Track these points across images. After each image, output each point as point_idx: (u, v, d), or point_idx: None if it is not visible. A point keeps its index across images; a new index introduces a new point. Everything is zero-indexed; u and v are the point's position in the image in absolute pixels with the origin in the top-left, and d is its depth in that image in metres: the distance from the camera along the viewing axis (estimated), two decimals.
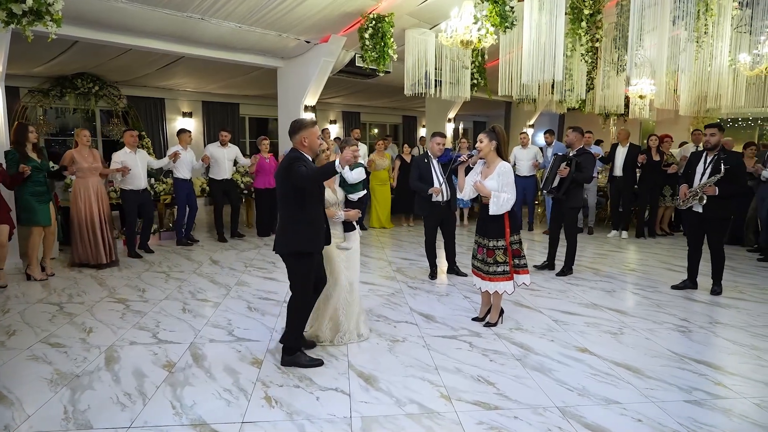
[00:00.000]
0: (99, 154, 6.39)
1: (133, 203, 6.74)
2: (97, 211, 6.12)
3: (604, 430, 2.70)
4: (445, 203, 5.63)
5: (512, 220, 4.05)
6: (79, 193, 6.09)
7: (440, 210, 5.67)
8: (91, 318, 4.38)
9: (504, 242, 4.03)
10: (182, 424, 2.74)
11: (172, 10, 6.32)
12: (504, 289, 4.04)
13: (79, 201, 6.07)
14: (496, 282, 4.04)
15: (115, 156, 6.67)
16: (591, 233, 8.83)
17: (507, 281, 4.03)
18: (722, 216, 4.97)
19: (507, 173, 3.97)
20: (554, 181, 5.81)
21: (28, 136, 5.54)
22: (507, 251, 4.04)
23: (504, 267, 4.02)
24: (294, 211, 3.31)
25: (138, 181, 6.71)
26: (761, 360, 3.63)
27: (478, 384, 3.21)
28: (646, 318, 4.49)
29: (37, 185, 5.55)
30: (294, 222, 3.31)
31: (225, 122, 12.80)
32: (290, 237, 3.33)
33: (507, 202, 3.92)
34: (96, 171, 6.18)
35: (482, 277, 4.11)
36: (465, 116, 17.92)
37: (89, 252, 6.08)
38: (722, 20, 6.40)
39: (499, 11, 5.79)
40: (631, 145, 8.45)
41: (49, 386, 3.14)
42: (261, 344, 3.82)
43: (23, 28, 4.45)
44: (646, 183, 8.35)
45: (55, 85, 9.90)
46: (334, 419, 2.80)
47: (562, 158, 5.84)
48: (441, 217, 5.75)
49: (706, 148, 5.09)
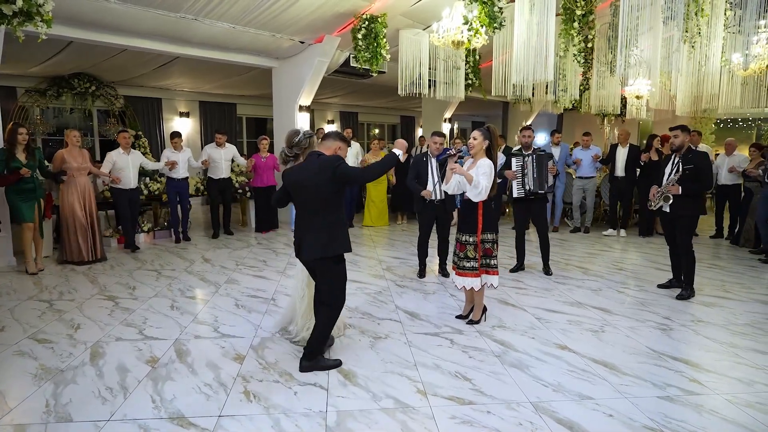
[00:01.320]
0: (88, 154, 6.51)
1: (124, 199, 6.96)
2: (83, 210, 6.26)
3: (575, 424, 2.74)
4: (439, 202, 5.65)
5: (486, 218, 4.08)
6: (67, 192, 6.21)
7: (435, 209, 5.70)
8: (80, 315, 4.44)
9: (475, 238, 4.07)
10: (161, 418, 2.79)
11: (164, 11, 6.38)
12: (471, 285, 4.09)
13: (66, 200, 6.20)
14: (464, 277, 4.10)
15: (108, 156, 6.84)
16: (587, 232, 8.89)
17: (474, 278, 4.08)
18: (687, 214, 5.03)
19: (483, 165, 4.01)
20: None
21: (17, 137, 5.62)
22: (477, 248, 4.08)
23: (473, 263, 4.07)
24: (335, 214, 3.27)
25: (126, 181, 6.93)
26: (738, 357, 3.66)
27: (455, 380, 3.26)
28: (629, 316, 4.53)
29: (23, 183, 5.64)
30: (336, 225, 3.27)
31: (222, 122, 12.89)
32: (334, 240, 3.25)
33: (484, 190, 3.97)
34: (85, 171, 6.33)
35: (456, 271, 4.19)
36: (462, 116, 17.96)
37: (74, 250, 6.20)
38: (715, 21, 6.45)
39: (487, 12, 5.83)
40: (631, 146, 8.51)
41: (33, 380, 3.20)
42: (245, 341, 3.87)
43: (14, 28, 4.52)
44: (642, 182, 8.41)
45: (52, 85, 9.98)
46: (310, 413, 2.84)
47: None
48: (435, 216, 5.77)
49: (671, 149, 5.15)
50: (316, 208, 3.25)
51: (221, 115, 13.04)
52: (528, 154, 5.81)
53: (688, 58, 7.07)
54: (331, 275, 3.32)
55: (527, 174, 5.76)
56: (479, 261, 4.08)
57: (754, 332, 4.17)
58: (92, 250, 6.31)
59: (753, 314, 4.63)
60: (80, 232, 6.22)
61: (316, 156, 3.28)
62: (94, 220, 6.39)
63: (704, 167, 4.96)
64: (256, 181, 8.46)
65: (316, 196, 3.24)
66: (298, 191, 3.31)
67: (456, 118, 14.80)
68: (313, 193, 3.24)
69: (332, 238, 3.25)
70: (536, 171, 5.75)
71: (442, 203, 5.67)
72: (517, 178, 5.81)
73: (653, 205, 5.20)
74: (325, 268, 3.31)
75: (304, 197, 3.29)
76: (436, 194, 5.60)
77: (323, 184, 3.20)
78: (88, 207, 6.32)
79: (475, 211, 4.06)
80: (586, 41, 7.22)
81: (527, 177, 5.76)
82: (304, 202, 3.31)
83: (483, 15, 5.83)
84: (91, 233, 6.32)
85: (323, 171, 3.19)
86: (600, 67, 8.21)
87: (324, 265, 3.30)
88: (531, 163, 5.75)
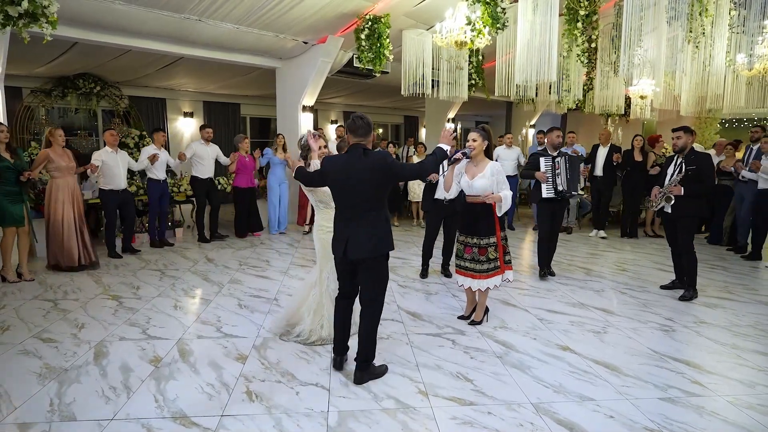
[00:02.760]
0: (72, 154, 6.16)
1: (112, 203, 6.62)
2: (72, 213, 5.96)
3: (575, 425, 2.75)
4: (448, 202, 5.62)
5: (501, 219, 4.12)
6: (53, 193, 5.91)
7: (443, 208, 5.64)
8: (84, 314, 4.47)
9: (495, 239, 4.09)
10: (163, 417, 2.81)
11: (169, 12, 6.42)
12: (494, 284, 4.12)
13: (53, 201, 5.90)
14: (487, 279, 4.10)
15: (96, 155, 6.47)
16: (570, 233, 8.86)
17: (497, 276, 4.11)
18: (688, 215, 5.02)
19: (500, 172, 4.07)
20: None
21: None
22: (498, 247, 4.10)
23: (495, 263, 4.10)
24: (383, 211, 3.21)
25: (118, 181, 6.58)
26: (740, 359, 3.66)
27: (456, 380, 3.27)
28: (632, 317, 4.53)
29: (8, 185, 5.38)
30: (384, 222, 3.20)
31: (226, 122, 12.93)
32: (384, 238, 3.18)
33: (508, 199, 4.01)
34: (71, 171, 6.03)
35: (473, 276, 4.14)
36: (466, 116, 17.95)
37: (65, 254, 5.91)
38: (720, 21, 6.42)
39: (490, 12, 5.84)
40: (611, 146, 8.54)
41: (37, 380, 3.23)
42: (247, 340, 3.89)
43: (19, 30, 4.56)
44: (627, 183, 8.49)
45: (57, 86, 10.03)
46: (312, 413, 2.86)
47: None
48: (444, 216, 5.74)
49: (674, 150, 5.15)
50: (371, 206, 3.14)
51: (225, 115, 13.06)
52: (558, 154, 5.65)
53: (692, 58, 7.03)
54: (377, 274, 3.23)
55: (560, 174, 5.57)
56: (501, 259, 4.12)
57: (757, 334, 4.16)
58: (82, 255, 5.99)
59: (756, 316, 4.62)
60: (69, 236, 5.90)
61: (361, 151, 3.13)
62: (83, 222, 6.10)
63: (707, 168, 4.96)
64: (237, 181, 8.02)
65: (371, 193, 3.12)
66: (344, 185, 3.16)
67: (459, 118, 14.81)
68: (370, 190, 3.11)
69: (384, 235, 3.18)
70: (569, 172, 5.58)
71: (451, 203, 5.64)
72: (548, 180, 5.62)
73: (655, 205, 5.19)
74: (372, 267, 3.20)
75: (351, 192, 3.14)
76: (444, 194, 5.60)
77: (379, 179, 3.10)
78: (77, 208, 6.02)
79: (491, 214, 4.07)
80: (590, 41, 7.22)
81: (560, 177, 5.57)
82: (350, 197, 3.16)
83: (486, 15, 5.83)
84: (81, 236, 6.01)
85: (375, 165, 3.07)
86: (604, 67, 8.20)
87: (372, 264, 3.19)
88: (564, 164, 5.58)
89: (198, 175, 7.72)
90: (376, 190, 3.13)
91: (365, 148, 3.13)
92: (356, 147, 3.14)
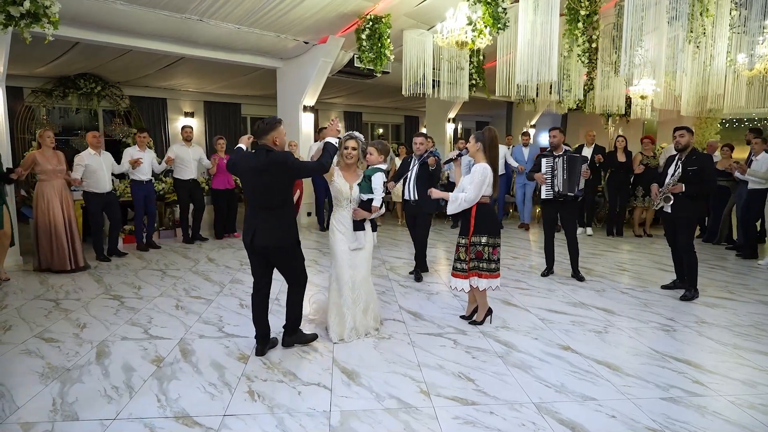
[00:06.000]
0: (63, 156, 6.08)
1: (96, 206, 6.51)
2: (61, 216, 5.87)
3: (577, 425, 2.75)
4: (414, 202, 5.71)
5: (479, 221, 4.04)
6: (42, 196, 5.82)
7: (411, 208, 5.81)
8: (85, 314, 4.47)
9: (466, 240, 4.08)
10: (166, 417, 2.82)
11: (170, 12, 6.43)
12: (461, 287, 4.10)
13: (42, 204, 5.81)
14: (455, 279, 4.12)
15: (77, 158, 6.34)
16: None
17: (463, 279, 4.09)
18: (688, 215, 5.02)
19: (474, 173, 4.00)
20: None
21: None
22: (467, 250, 4.08)
23: (462, 265, 4.08)
24: (288, 204, 3.61)
25: (102, 184, 6.47)
26: (741, 359, 3.66)
27: (458, 380, 3.27)
28: (633, 317, 4.53)
29: None
30: (289, 215, 3.62)
31: (227, 122, 12.95)
32: (291, 228, 3.61)
33: (464, 201, 4.00)
34: (60, 174, 5.94)
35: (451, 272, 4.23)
36: (467, 116, 17.95)
37: (53, 257, 5.83)
38: (721, 21, 6.43)
39: (491, 12, 5.84)
40: (596, 146, 8.59)
41: (40, 379, 3.23)
42: (249, 340, 3.89)
43: (21, 30, 4.55)
44: (611, 183, 8.61)
45: (58, 86, 10.05)
46: (314, 413, 2.86)
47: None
48: (413, 216, 5.86)
49: (676, 149, 5.14)
50: (276, 201, 3.52)
51: (226, 115, 13.08)
52: (559, 155, 5.59)
53: (692, 58, 7.04)
54: (294, 260, 3.68)
55: (557, 175, 5.53)
56: (468, 264, 4.08)
57: (758, 334, 4.16)
58: (71, 258, 5.89)
59: (757, 315, 4.62)
60: (59, 239, 5.81)
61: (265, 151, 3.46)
62: (74, 225, 6.01)
63: (708, 168, 4.96)
64: (215, 182, 7.89)
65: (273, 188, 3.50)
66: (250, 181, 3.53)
67: (460, 118, 14.82)
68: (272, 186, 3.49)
69: (290, 226, 3.62)
70: (567, 173, 5.52)
71: (416, 203, 5.69)
72: (546, 181, 5.59)
73: (655, 205, 5.20)
74: (288, 256, 3.64)
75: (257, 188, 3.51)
76: (410, 194, 5.70)
77: (279, 176, 3.47)
78: (66, 211, 5.91)
79: (469, 213, 4.06)
80: (591, 41, 7.22)
81: (556, 178, 5.53)
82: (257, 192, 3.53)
83: (487, 16, 5.84)
84: (71, 239, 5.92)
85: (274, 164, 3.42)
86: (604, 67, 8.20)
87: (287, 253, 3.62)
88: (561, 164, 5.52)
89: (179, 177, 7.60)
90: (279, 186, 3.49)
91: (269, 149, 3.46)
92: (261, 148, 3.48)
